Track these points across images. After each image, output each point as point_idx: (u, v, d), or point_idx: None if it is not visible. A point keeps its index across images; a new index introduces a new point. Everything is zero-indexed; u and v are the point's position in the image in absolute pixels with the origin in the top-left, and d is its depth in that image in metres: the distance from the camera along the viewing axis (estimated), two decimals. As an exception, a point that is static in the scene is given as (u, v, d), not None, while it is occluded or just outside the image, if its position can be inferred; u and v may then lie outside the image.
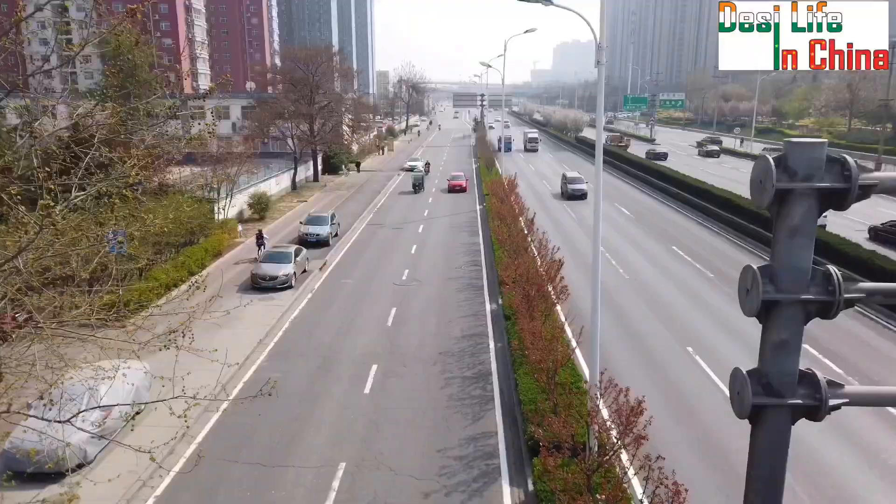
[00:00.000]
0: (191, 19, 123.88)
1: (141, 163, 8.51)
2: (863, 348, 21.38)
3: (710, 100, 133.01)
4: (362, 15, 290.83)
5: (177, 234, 28.94)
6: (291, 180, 57.54)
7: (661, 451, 10.86)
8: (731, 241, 36.81)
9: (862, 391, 4.05)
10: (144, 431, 14.73)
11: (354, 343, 22.62)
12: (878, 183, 3.51)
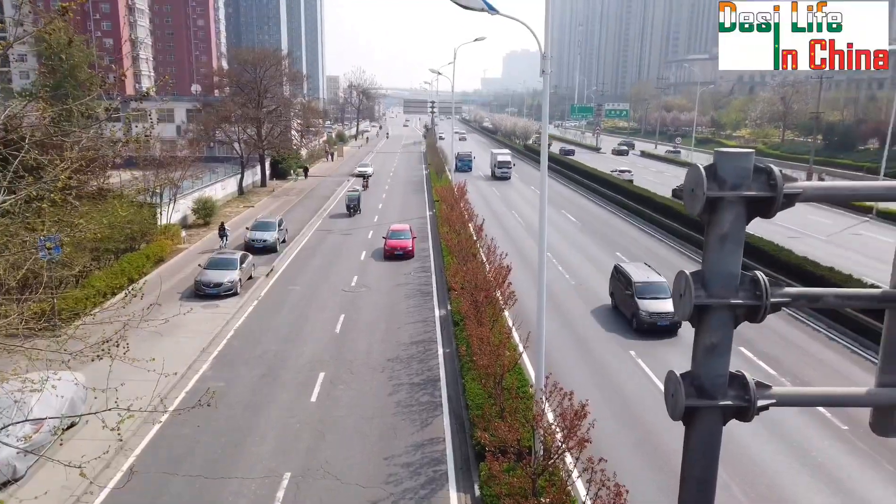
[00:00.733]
0: (133, 19, 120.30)
1: (74, 166, 8.18)
2: (794, 350, 22.28)
3: (653, 110, 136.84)
4: (312, 19, 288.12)
5: (116, 239, 28.01)
6: (238, 185, 56.41)
7: (604, 453, 11.06)
8: (672, 247, 37.86)
9: (789, 392, 4.21)
10: (77, 445, 14.16)
11: (301, 350, 22.28)
12: (802, 192, 3.65)
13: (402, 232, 36.87)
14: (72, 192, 9.58)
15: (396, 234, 36.45)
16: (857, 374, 20.21)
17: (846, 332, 23.27)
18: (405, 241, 35.69)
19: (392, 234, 36.50)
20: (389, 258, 34.91)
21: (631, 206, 48.45)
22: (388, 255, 35.11)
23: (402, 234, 36.46)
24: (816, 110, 69.30)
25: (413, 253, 35.40)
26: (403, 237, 36.24)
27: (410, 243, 35.86)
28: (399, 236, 36.26)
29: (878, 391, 3.97)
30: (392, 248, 35.41)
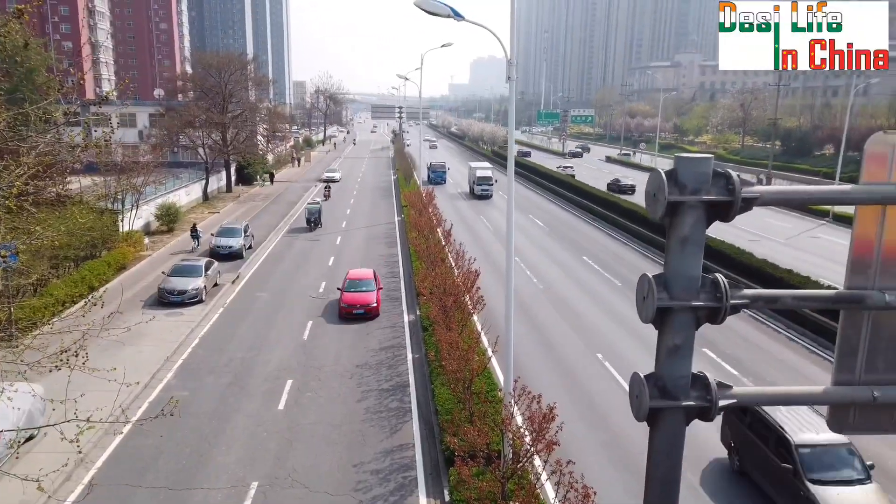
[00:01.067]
0: (93, 22, 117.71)
1: (31, 171, 7.97)
2: (756, 351, 22.78)
3: (617, 116, 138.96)
4: (278, 23, 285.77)
5: (76, 247, 27.34)
6: (203, 190, 55.56)
7: (572, 455, 11.16)
8: (636, 251, 38.43)
9: (749, 391, 4.31)
10: (35, 458, 13.77)
11: (268, 358, 22.00)
12: (760, 196, 3.74)
13: (363, 281, 27.05)
14: (28, 199, 9.31)
15: (356, 285, 26.72)
16: (816, 373, 20.75)
17: (805, 332, 23.89)
18: (367, 296, 26.14)
19: (350, 285, 26.72)
20: (347, 319, 25.62)
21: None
22: (344, 315, 25.71)
23: (364, 285, 26.76)
24: (774, 117, 71.14)
25: (378, 311, 26.11)
26: (365, 288, 26.57)
27: (375, 297, 26.22)
28: (360, 287, 26.59)
29: (833, 389, 4.09)
30: (350, 305, 25.70)
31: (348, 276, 27.73)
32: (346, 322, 25.49)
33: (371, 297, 26.24)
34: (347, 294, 26.25)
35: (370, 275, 28.09)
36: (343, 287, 26.91)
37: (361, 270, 29.11)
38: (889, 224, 3.78)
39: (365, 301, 25.92)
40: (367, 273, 28.38)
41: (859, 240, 3.86)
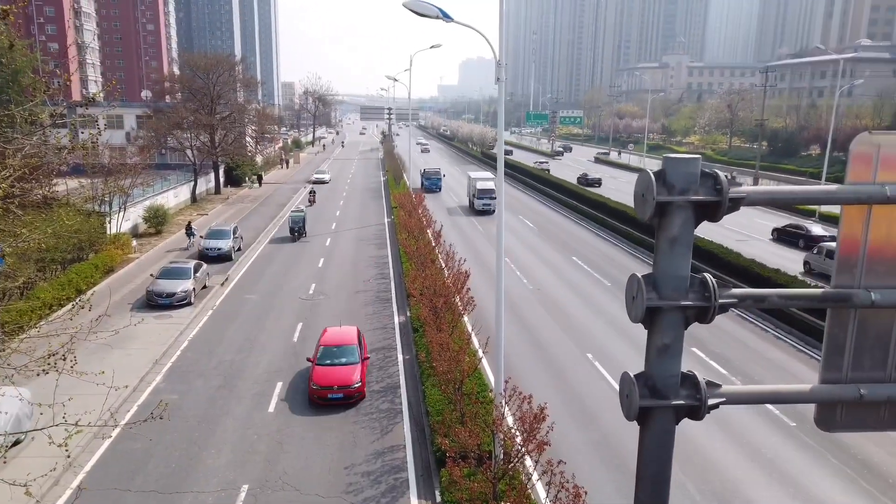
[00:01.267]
0: (79, 23, 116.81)
1: (17, 174, 7.90)
2: (744, 350, 22.95)
3: (606, 117, 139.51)
4: (266, 25, 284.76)
5: (63, 249, 27.11)
6: (191, 192, 55.25)
7: (562, 455, 11.19)
8: (625, 251, 38.60)
9: (738, 390, 4.34)
10: (23, 463, 13.66)
11: (258, 360, 21.91)
12: (746, 196, 3.78)
13: (343, 349, 19.64)
14: (14, 201, 9.24)
15: (333, 355, 19.35)
16: (804, 372, 20.93)
17: (793, 331, 24.10)
18: (348, 371, 18.75)
19: (324, 355, 19.36)
20: (322, 406, 18.50)
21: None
22: (316, 399, 18.52)
23: (345, 354, 19.44)
24: (761, 118, 71.68)
25: (364, 392, 19.00)
26: (346, 359, 19.23)
27: (358, 372, 18.84)
28: (338, 358, 19.28)
29: (821, 388, 4.13)
30: (324, 387, 18.42)
31: (322, 341, 20.22)
32: (317, 410, 18.33)
33: (353, 373, 18.72)
34: (320, 369, 18.78)
35: (353, 337, 20.42)
36: (314, 357, 19.51)
37: (342, 331, 20.91)
38: (874, 223, 3.83)
39: (344, 380, 18.53)
40: (349, 335, 20.60)
41: (845, 239, 3.90)
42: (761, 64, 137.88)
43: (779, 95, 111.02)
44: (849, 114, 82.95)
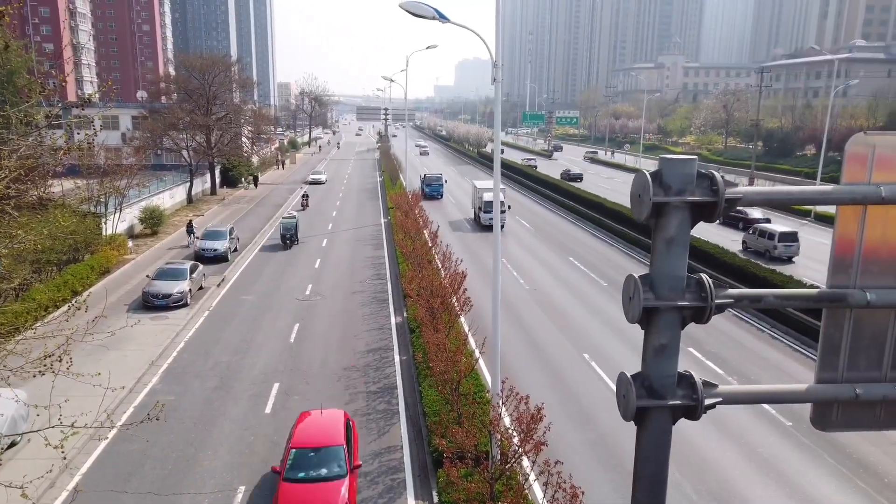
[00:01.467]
0: (74, 24, 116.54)
1: (12, 175, 7.88)
2: (740, 350, 23.00)
3: (602, 117, 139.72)
4: (262, 25, 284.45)
5: (58, 251, 27.04)
6: (187, 193, 55.15)
7: (560, 456, 11.20)
8: (622, 251, 38.66)
9: (734, 390, 4.35)
10: (19, 465, 13.62)
11: (255, 361, 21.88)
12: (742, 197, 3.79)
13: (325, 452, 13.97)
14: (10, 202, 9.22)
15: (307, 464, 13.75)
16: (800, 372, 20.99)
17: (789, 331, 24.16)
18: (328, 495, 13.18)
19: (295, 463, 13.73)
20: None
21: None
22: None
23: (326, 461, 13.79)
24: (756, 118, 71.87)
25: None
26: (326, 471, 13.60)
27: (346, 492, 13.28)
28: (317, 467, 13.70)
29: (817, 387, 4.14)
30: None
31: (294, 439, 14.23)
32: None
33: (335, 495, 13.11)
34: (289, 489, 13.13)
35: (337, 432, 14.43)
36: (282, 465, 13.75)
37: (323, 422, 14.87)
38: (870, 224, 3.84)
39: None
40: (333, 428, 14.61)
41: (841, 239, 3.92)
42: (756, 64, 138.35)
43: (774, 96, 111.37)
44: (844, 114, 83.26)
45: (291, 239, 38.99)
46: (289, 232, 39.04)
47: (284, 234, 38.90)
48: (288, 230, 39.14)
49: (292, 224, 39.45)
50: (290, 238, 38.94)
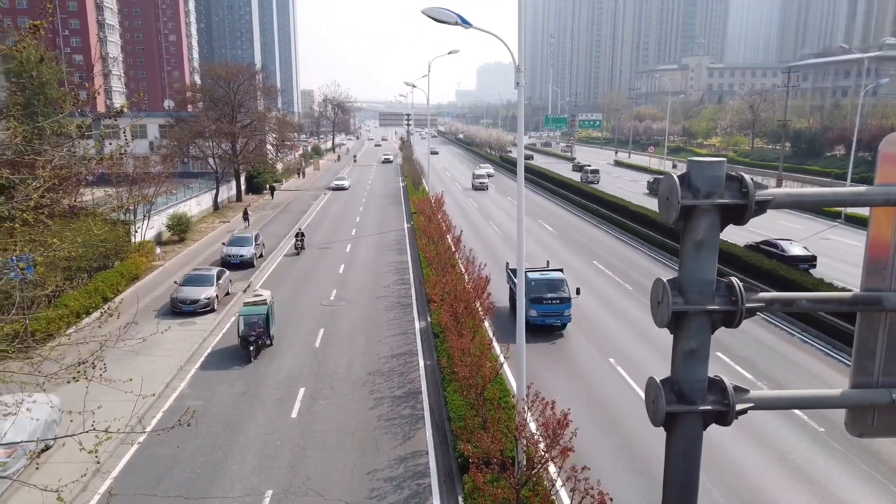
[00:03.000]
0: (103, 35, 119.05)
1: (47, 184, 8.07)
2: (770, 354, 22.62)
3: (625, 120, 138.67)
4: (285, 33, 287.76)
5: (89, 258, 27.58)
6: (213, 200, 55.92)
7: (586, 461, 11.12)
8: (647, 255, 38.29)
9: (766, 395, 4.29)
10: (53, 469, 13.88)
11: (281, 366, 22.07)
12: (773, 199, 3.74)
13: None
14: (44, 211, 9.44)
15: None
16: (831, 376, 20.58)
17: (819, 334, 23.71)
18: None
19: None
20: None
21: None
22: None
23: None
24: (784, 118, 70.76)
25: None
26: None
27: None
28: None
29: (851, 392, 4.06)
30: None
31: None
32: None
33: None
34: None
35: None
36: None
37: None
38: (905, 226, 3.77)
39: None
40: None
41: (875, 241, 3.84)
42: (783, 64, 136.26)
43: (801, 96, 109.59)
44: (874, 113, 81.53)
45: (258, 342, 22.60)
46: (253, 331, 22.37)
47: (246, 336, 22.27)
48: (251, 328, 22.42)
49: (259, 316, 22.67)
50: (256, 340, 22.46)
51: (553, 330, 24.81)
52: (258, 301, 23.38)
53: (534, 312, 24.08)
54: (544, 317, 24.56)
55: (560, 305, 24.57)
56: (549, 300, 24.46)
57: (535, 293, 24.20)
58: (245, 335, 22.36)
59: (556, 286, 24.94)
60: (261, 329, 22.57)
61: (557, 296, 24.61)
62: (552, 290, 24.78)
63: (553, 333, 24.65)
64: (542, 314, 24.54)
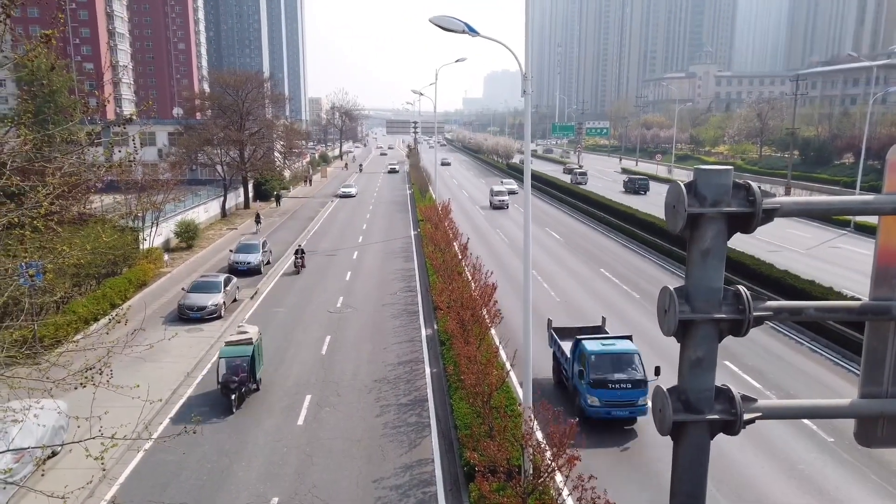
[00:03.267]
0: (114, 44, 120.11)
1: (57, 191, 8.13)
2: (778, 363, 22.46)
3: (633, 128, 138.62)
4: (293, 41, 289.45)
5: (98, 264, 27.72)
6: (221, 207, 56.17)
7: (593, 470, 11.05)
8: (654, 263, 38.15)
9: (774, 405, 4.26)
10: (59, 475, 13.92)
11: (287, 373, 22.08)
12: (780, 207, 3.73)
13: None
14: (53, 218, 9.49)
15: None
16: (840, 386, 20.41)
17: (828, 344, 23.53)
18: None
19: None
20: None
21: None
22: None
23: None
24: (792, 126, 70.51)
25: None
26: None
27: None
28: None
29: (861, 402, 4.03)
30: None
31: None
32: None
33: None
34: None
35: None
36: None
37: None
38: (914, 234, 3.75)
39: None
40: None
41: (884, 250, 3.83)
42: (791, 72, 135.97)
43: (810, 104, 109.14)
44: (883, 121, 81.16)
45: (241, 388, 19.23)
46: (236, 376, 19.08)
47: (227, 383, 18.94)
48: (234, 372, 19.15)
49: (243, 358, 19.47)
50: (240, 388, 19.15)
51: (621, 424, 18.07)
52: (243, 340, 20.17)
53: (595, 401, 17.70)
54: (610, 407, 17.72)
55: (632, 391, 17.66)
56: (616, 384, 17.70)
57: (597, 373, 17.76)
58: (226, 381, 18.96)
59: (626, 363, 18.24)
60: (245, 374, 19.21)
61: (629, 378, 17.82)
62: (621, 368, 18.08)
63: (620, 430, 17.94)
64: (608, 403, 17.68)
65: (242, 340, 20.20)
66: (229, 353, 19.60)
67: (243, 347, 19.92)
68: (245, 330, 21.06)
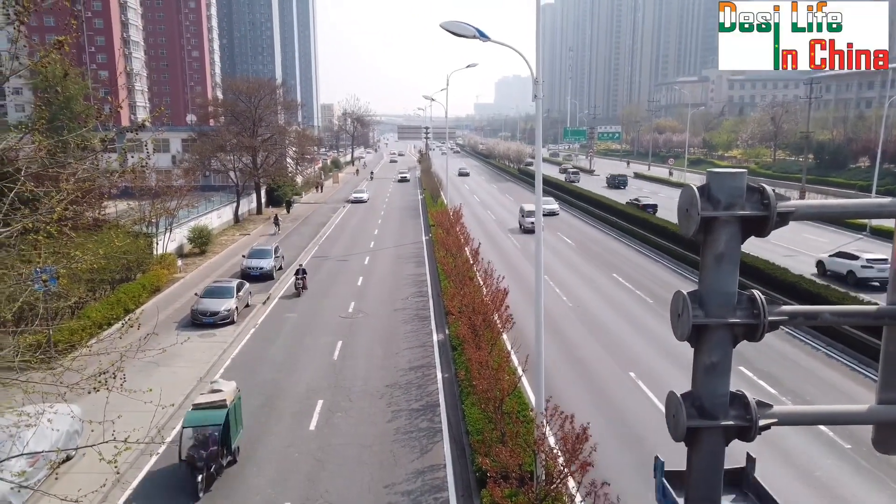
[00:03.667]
0: (128, 51, 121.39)
1: (71, 197, 8.20)
2: (794, 369, 22.21)
3: (645, 132, 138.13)
4: (305, 48, 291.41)
5: (112, 269, 27.96)
6: (234, 213, 56.51)
7: (606, 476, 10.96)
8: (667, 267, 37.90)
9: (790, 410, 4.20)
10: (73, 479, 13.99)
11: (299, 378, 22.13)
12: (795, 210, 3.68)
13: None
14: (68, 224, 9.59)
15: None
16: (858, 392, 20.13)
17: (845, 349, 23.24)
18: None
19: None
20: None
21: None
22: None
23: None
24: (806, 130, 69.95)
25: None
26: None
27: None
28: None
29: (879, 408, 3.97)
30: None
31: None
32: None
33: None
34: None
35: None
36: None
37: None
38: (932, 237, 3.68)
39: None
40: None
41: (901, 254, 3.76)
42: (805, 75, 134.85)
43: (824, 107, 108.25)
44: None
45: (209, 467, 15.05)
46: (203, 450, 14.95)
47: (192, 460, 14.76)
48: (201, 446, 15.08)
49: (214, 427, 15.35)
50: (208, 466, 14.98)
51: None
52: (215, 402, 15.53)
53: None
54: None
55: None
56: None
57: None
58: (190, 459, 14.65)
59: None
60: (215, 447, 15.00)
61: None
62: None
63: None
64: None
65: (215, 403, 15.51)
66: (196, 421, 15.16)
67: (215, 413, 15.28)
68: (219, 388, 16.44)
